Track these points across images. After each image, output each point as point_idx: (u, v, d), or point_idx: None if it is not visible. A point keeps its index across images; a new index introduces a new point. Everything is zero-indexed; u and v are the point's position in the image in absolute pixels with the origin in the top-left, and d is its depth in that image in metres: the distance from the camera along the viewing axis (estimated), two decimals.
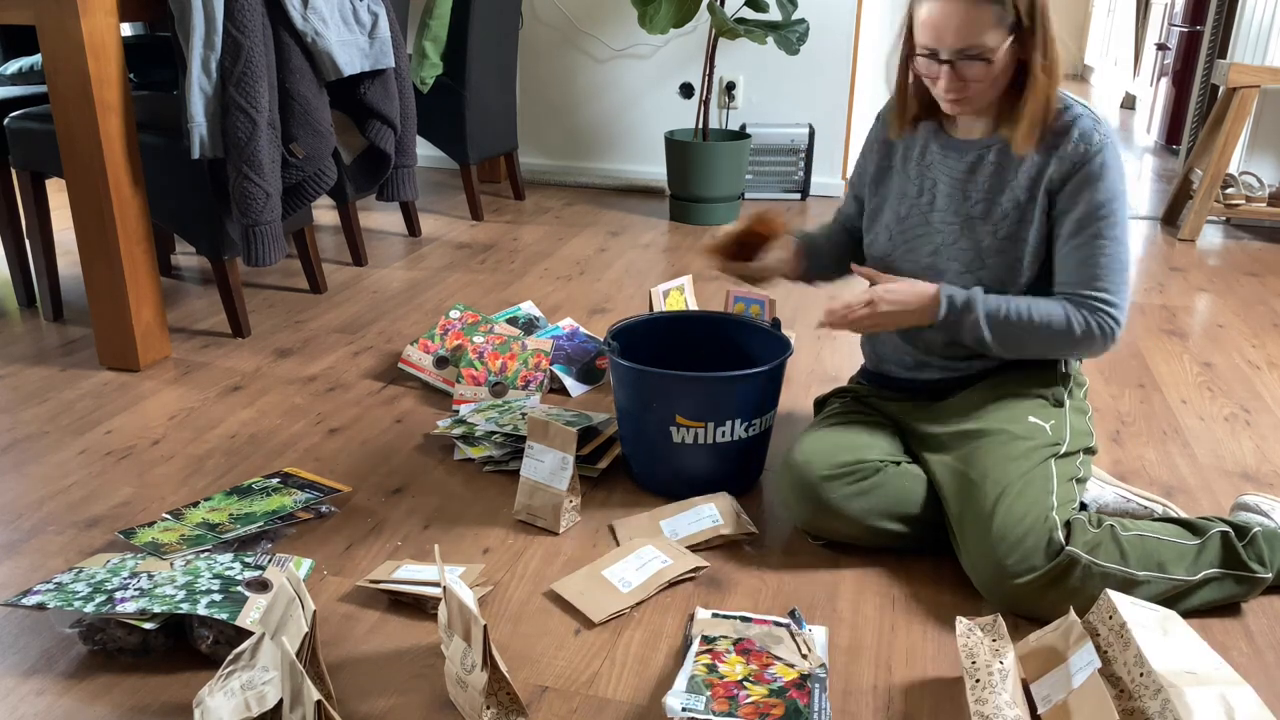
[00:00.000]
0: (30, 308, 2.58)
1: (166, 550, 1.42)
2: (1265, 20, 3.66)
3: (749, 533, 1.57)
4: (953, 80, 1.40)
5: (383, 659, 1.29)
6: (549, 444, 1.58)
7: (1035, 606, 1.35)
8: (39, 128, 2.28)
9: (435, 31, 3.10)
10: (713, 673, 1.21)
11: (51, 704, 1.20)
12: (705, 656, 1.25)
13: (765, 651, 1.25)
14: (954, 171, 1.51)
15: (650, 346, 1.83)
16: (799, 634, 1.28)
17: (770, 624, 1.32)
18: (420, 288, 2.78)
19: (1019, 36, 1.38)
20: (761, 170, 3.81)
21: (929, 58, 1.40)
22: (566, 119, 4.07)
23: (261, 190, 2.14)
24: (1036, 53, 1.38)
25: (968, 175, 1.50)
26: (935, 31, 1.38)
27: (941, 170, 1.53)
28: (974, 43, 1.36)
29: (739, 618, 1.34)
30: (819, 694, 1.18)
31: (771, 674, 1.21)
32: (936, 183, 1.54)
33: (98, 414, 1.98)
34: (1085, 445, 1.51)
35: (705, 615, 1.36)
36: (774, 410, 1.69)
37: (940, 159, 1.53)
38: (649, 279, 2.87)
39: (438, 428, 1.84)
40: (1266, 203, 3.43)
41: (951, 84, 1.41)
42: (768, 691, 1.18)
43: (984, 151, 1.50)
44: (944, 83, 1.41)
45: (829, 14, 3.69)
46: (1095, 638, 1.22)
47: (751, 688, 1.19)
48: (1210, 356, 2.38)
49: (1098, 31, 7.94)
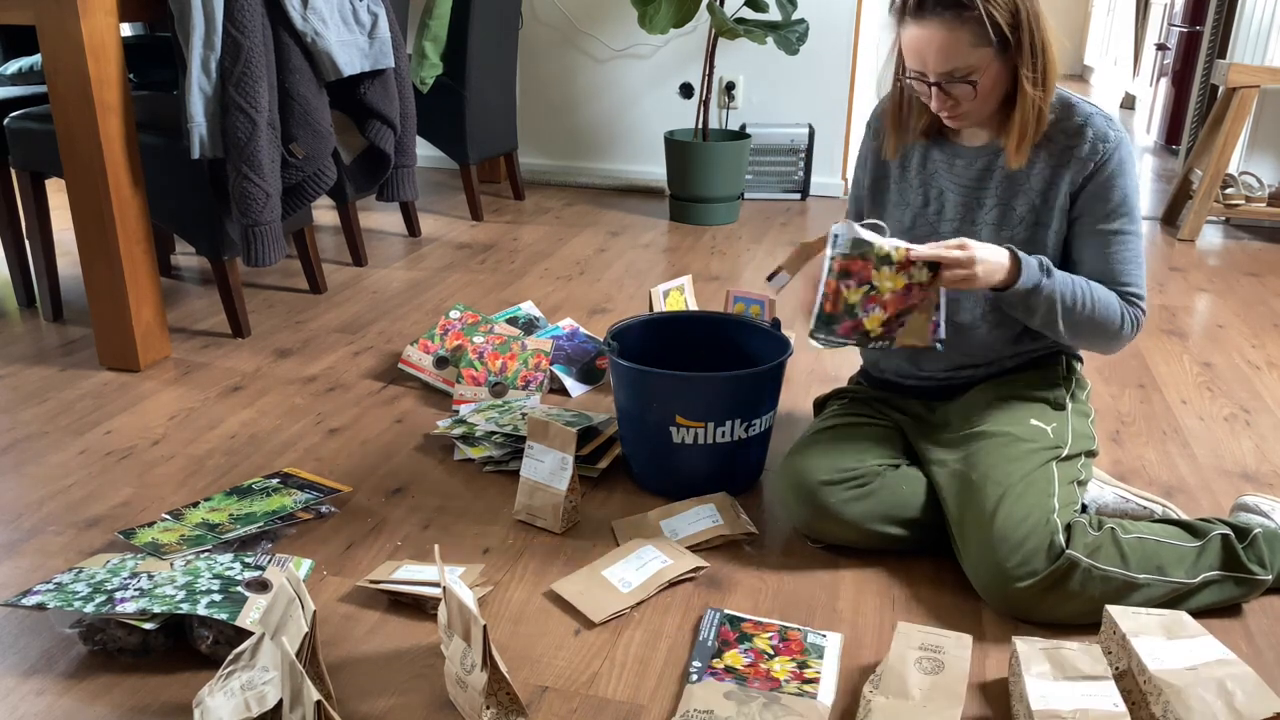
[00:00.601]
0: (30, 308, 2.58)
1: (166, 550, 1.42)
2: (1265, 20, 3.66)
3: (749, 533, 1.57)
4: (944, 100, 1.40)
5: (383, 659, 1.29)
6: (549, 444, 1.58)
7: (1035, 610, 1.35)
8: (39, 128, 2.28)
9: (435, 31, 3.10)
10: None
11: (51, 704, 1.20)
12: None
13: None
14: (962, 179, 1.50)
15: (650, 346, 1.83)
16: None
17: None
18: (420, 288, 2.78)
19: (1005, 51, 1.36)
20: (761, 170, 3.81)
21: (919, 79, 1.40)
22: (566, 119, 4.07)
23: (261, 190, 2.14)
24: (1024, 67, 1.37)
25: (978, 183, 1.49)
26: (918, 56, 1.37)
27: (948, 179, 1.52)
28: (956, 65, 1.35)
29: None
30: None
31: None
32: (944, 192, 1.52)
33: (98, 414, 1.98)
34: (1087, 448, 1.51)
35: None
36: (774, 410, 1.69)
37: (945, 167, 1.52)
38: (649, 279, 2.87)
39: (438, 428, 1.85)
40: (1266, 203, 3.43)
41: (943, 103, 1.40)
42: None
43: (992, 157, 1.48)
44: (935, 103, 1.41)
45: (829, 14, 3.69)
46: (1108, 655, 1.23)
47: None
48: (1210, 356, 2.38)
49: (1097, 31, 7.94)
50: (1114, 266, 1.45)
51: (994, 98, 1.40)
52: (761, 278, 2.90)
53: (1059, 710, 1.07)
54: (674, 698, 1.23)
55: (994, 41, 1.34)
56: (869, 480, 1.47)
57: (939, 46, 1.34)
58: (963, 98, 1.38)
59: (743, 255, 3.13)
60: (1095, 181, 1.43)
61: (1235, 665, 1.12)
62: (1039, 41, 1.37)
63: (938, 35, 1.34)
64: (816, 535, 1.52)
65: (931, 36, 1.34)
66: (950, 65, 1.35)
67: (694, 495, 1.65)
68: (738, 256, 3.11)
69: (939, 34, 1.34)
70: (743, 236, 3.35)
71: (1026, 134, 1.41)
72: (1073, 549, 1.33)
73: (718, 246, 3.23)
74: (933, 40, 1.34)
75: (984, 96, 1.39)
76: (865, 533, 1.48)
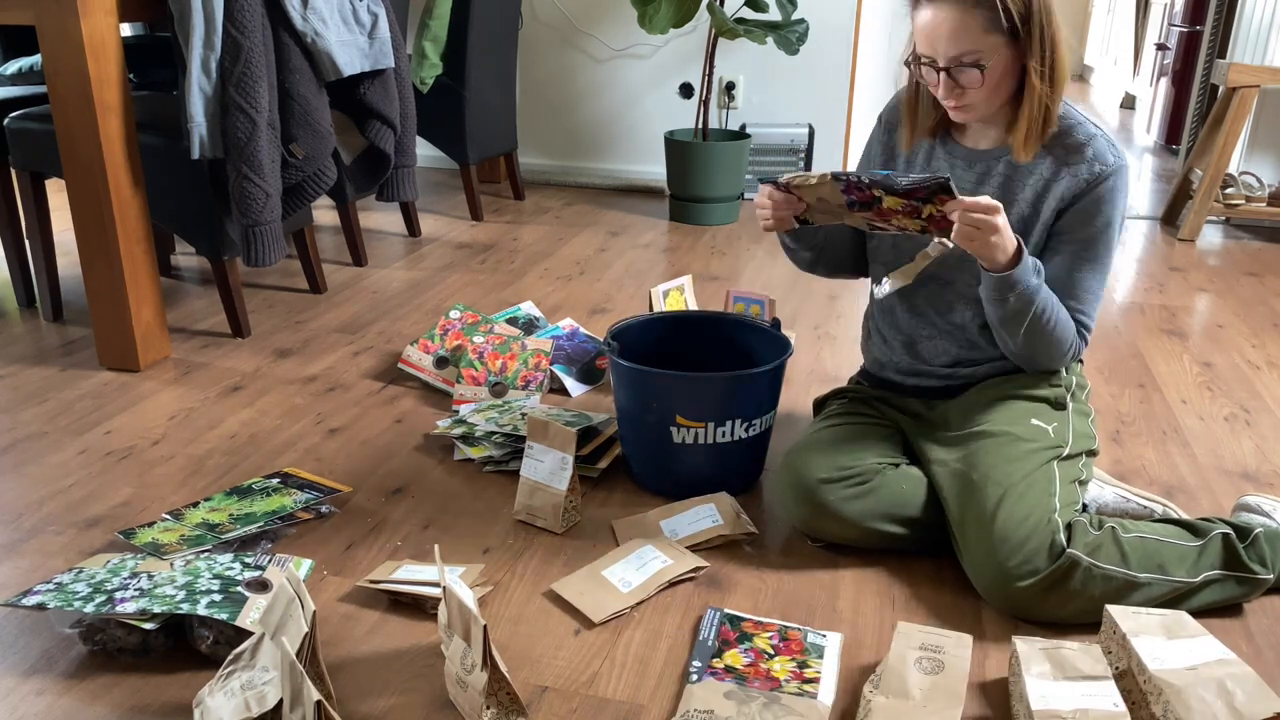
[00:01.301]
0: (30, 308, 2.58)
1: (166, 550, 1.42)
2: (1265, 20, 3.66)
3: (749, 533, 1.57)
4: (951, 88, 1.40)
5: (383, 659, 1.29)
6: (549, 444, 1.58)
7: (1036, 609, 1.35)
8: (39, 128, 2.28)
9: (435, 32, 3.10)
10: None
11: (51, 704, 1.20)
12: None
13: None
14: (962, 182, 1.50)
15: (650, 346, 1.83)
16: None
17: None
18: (420, 288, 2.78)
19: (1016, 42, 1.36)
20: (761, 170, 3.81)
21: (929, 65, 1.40)
22: (566, 119, 4.07)
23: (261, 190, 2.14)
24: (1033, 59, 1.36)
25: (975, 188, 1.49)
26: (929, 39, 1.37)
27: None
28: (966, 49, 1.35)
29: None
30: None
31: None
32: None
33: (98, 414, 1.98)
34: (1087, 448, 1.51)
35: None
36: (774, 410, 1.69)
37: (946, 168, 1.52)
38: (649, 279, 2.87)
39: (437, 428, 1.84)
40: (1266, 203, 3.43)
41: (950, 91, 1.40)
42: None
43: (993, 163, 1.48)
44: (942, 90, 1.41)
45: (829, 14, 3.69)
46: (1108, 655, 1.22)
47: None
48: (1210, 356, 2.38)
49: (1097, 31, 7.94)
50: (1075, 288, 1.46)
51: (1002, 90, 1.40)
52: (761, 278, 2.90)
53: (1059, 710, 1.07)
54: (674, 698, 1.23)
55: (1005, 29, 1.34)
56: (868, 478, 1.47)
57: (951, 28, 1.34)
58: (970, 85, 1.38)
59: (743, 255, 3.13)
60: (1085, 200, 1.43)
61: (1235, 665, 1.12)
62: (1049, 37, 1.36)
63: (951, 17, 1.34)
64: (816, 534, 1.52)
65: (945, 18, 1.35)
66: (960, 49, 1.35)
67: (694, 495, 1.65)
68: (738, 256, 3.11)
69: (952, 15, 1.34)
70: (743, 236, 3.35)
71: (1033, 130, 1.41)
72: (1074, 548, 1.33)
73: (718, 246, 3.23)
74: (945, 22, 1.35)
75: (991, 87, 1.39)
76: (865, 531, 1.48)
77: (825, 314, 2.61)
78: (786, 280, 2.89)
